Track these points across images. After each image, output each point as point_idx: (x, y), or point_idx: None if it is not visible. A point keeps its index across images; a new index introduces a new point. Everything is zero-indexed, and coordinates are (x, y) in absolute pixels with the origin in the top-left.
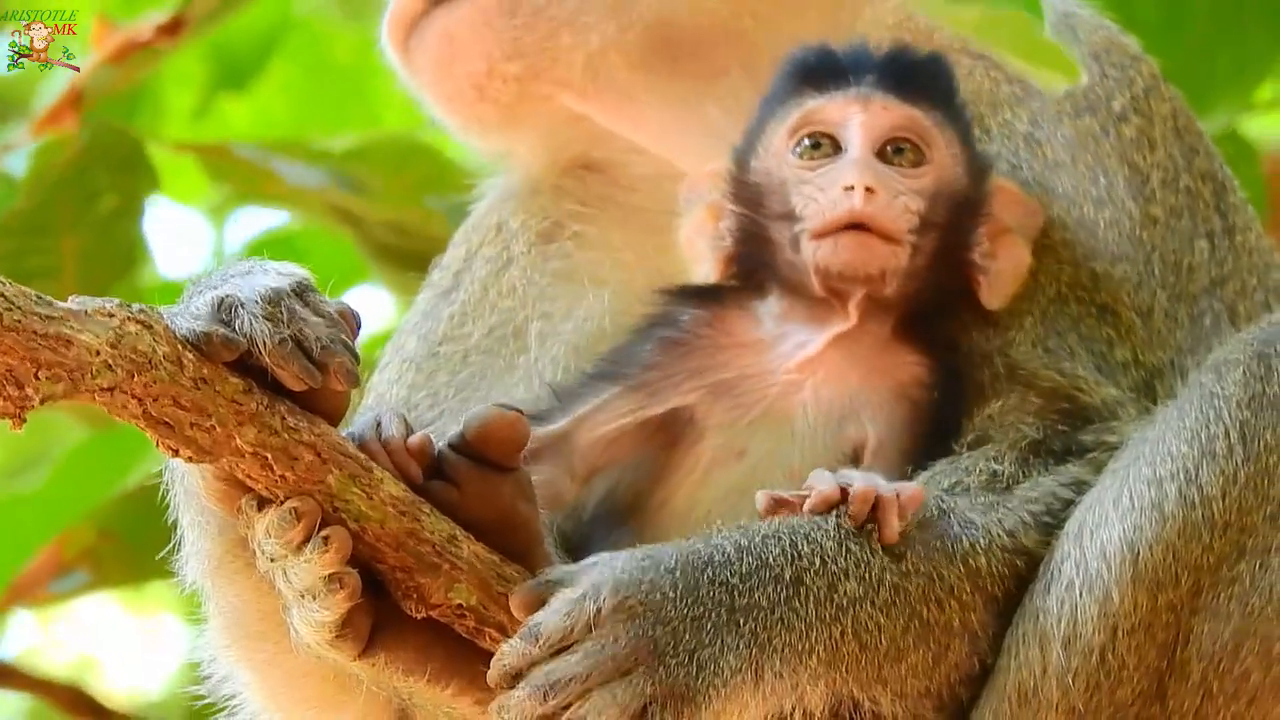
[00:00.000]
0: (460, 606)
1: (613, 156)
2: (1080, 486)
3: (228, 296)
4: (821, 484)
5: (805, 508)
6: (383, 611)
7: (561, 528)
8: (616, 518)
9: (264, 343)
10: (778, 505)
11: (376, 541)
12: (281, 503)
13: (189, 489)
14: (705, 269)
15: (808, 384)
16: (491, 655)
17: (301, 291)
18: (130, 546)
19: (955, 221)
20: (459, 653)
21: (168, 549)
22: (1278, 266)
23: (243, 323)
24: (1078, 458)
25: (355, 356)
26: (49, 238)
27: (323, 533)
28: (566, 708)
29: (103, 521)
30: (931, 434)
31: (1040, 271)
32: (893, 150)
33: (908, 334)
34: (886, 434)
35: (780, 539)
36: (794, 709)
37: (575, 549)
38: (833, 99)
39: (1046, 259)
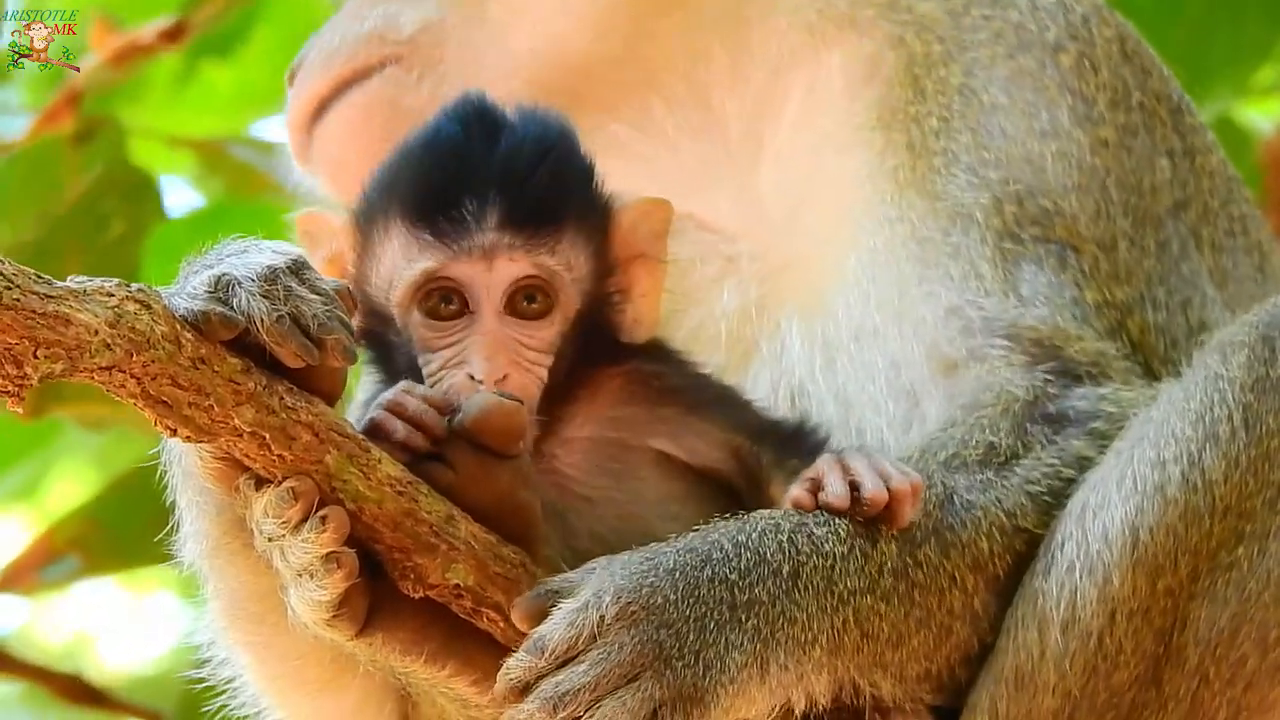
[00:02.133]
0: (457, 587)
1: None
2: (1083, 463)
3: (225, 275)
4: (831, 491)
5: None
6: (380, 592)
7: None
8: None
9: (261, 320)
10: (801, 503)
11: (374, 522)
12: (279, 482)
13: (187, 469)
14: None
15: (556, 470)
16: (489, 635)
17: (298, 269)
18: (120, 534)
19: (587, 322)
20: (456, 633)
21: (160, 535)
22: (1240, 196)
23: (240, 301)
24: (1076, 426)
25: (352, 333)
26: (54, 264)
27: (320, 512)
28: (577, 718)
29: (93, 510)
30: (698, 394)
31: (974, 208)
32: (523, 299)
33: (574, 380)
34: (668, 433)
35: (779, 532)
36: (798, 699)
37: None
38: (456, 258)
39: (979, 195)
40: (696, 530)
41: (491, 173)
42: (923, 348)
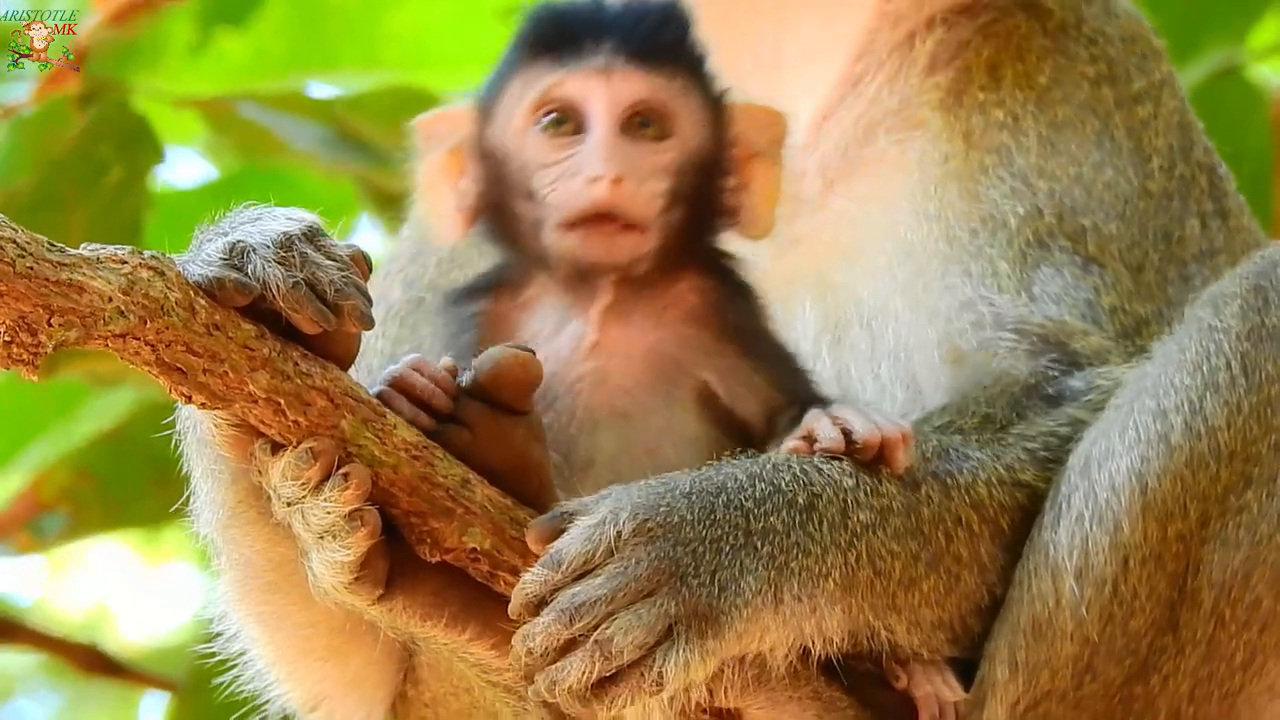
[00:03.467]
0: (474, 550)
1: None
2: (1077, 425)
3: (239, 242)
4: (824, 435)
5: (815, 452)
6: (398, 557)
7: None
8: None
9: (277, 287)
10: (798, 451)
11: (390, 486)
12: (297, 445)
13: (201, 437)
14: (447, 224)
15: (608, 368)
16: (506, 599)
17: (313, 235)
18: (111, 487)
19: (705, 179)
20: (474, 597)
21: (153, 490)
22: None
23: (255, 268)
24: (1071, 400)
25: (368, 298)
26: (57, 212)
27: (342, 470)
28: (593, 630)
29: (80, 462)
30: (757, 343)
31: (1010, 215)
32: (638, 123)
33: (670, 268)
34: (719, 369)
35: (791, 467)
36: (813, 636)
37: None
38: (573, 72)
39: (1019, 204)
40: (708, 464)
41: (609, 9)
42: (934, 337)
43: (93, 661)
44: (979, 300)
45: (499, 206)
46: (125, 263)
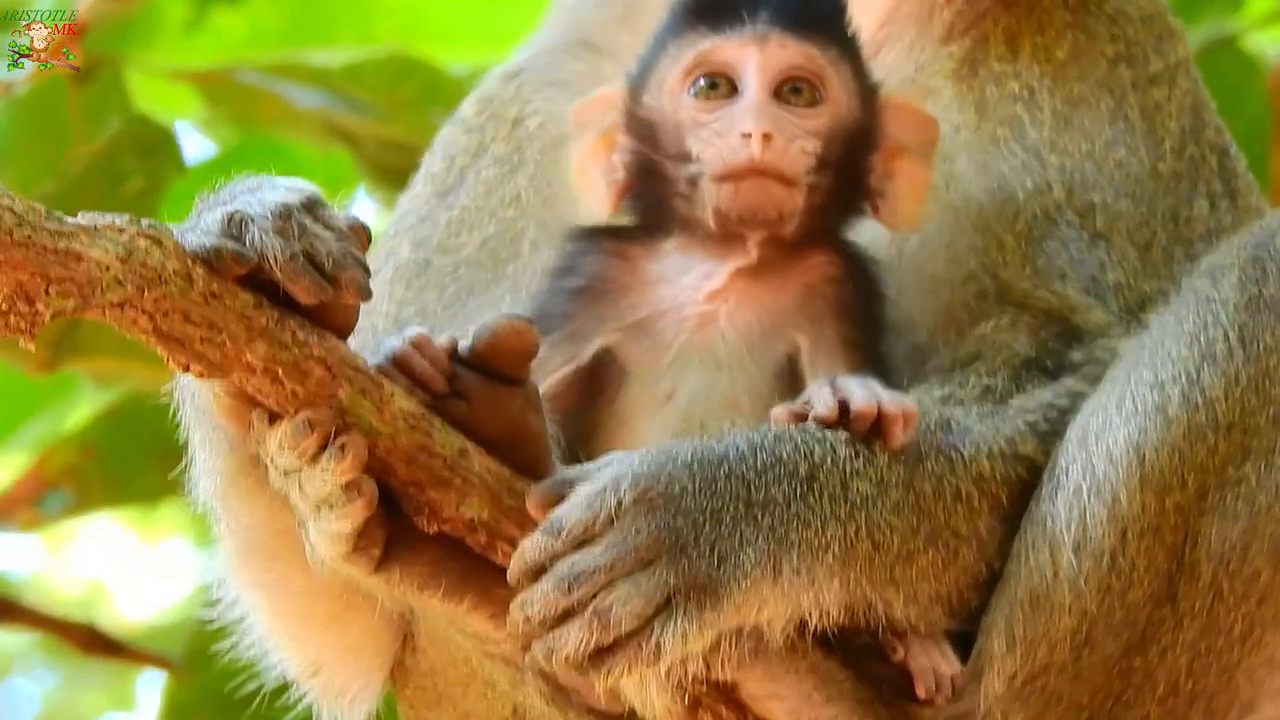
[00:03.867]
0: (472, 521)
1: None
2: (1075, 398)
3: (238, 212)
4: (820, 403)
5: (810, 421)
6: (396, 527)
7: None
8: None
9: (275, 257)
10: (790, 418)
11: (387, 456)
12: (294, 415)
13: (199, 406)
14: (597, 200)
15: (720, 312)
16: (504, 570)
17: (311, 206)
18: (114, 464)
19: (851, 155)
20: (472, 568)
21: (156, 466)
22: None
23: (253, 238)
24: (1070, 371)
25: (366, 270)
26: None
27: (339, 441)
28: (591, 599)
29: (84, 439)
30: (857, 328)
31: (1018, 189)
32: (789, 90)
33: (809, 239)
34: (814, 337)
35: (792, 438)
36: (811, 609)
37: None
38: (728, 38)
39: (1028, 177)
40: (710, 435)
41: None
42: (936, 308)
43: (89, 640)
44: (983, 272)
45: (651, 173)
46: (123, 231)
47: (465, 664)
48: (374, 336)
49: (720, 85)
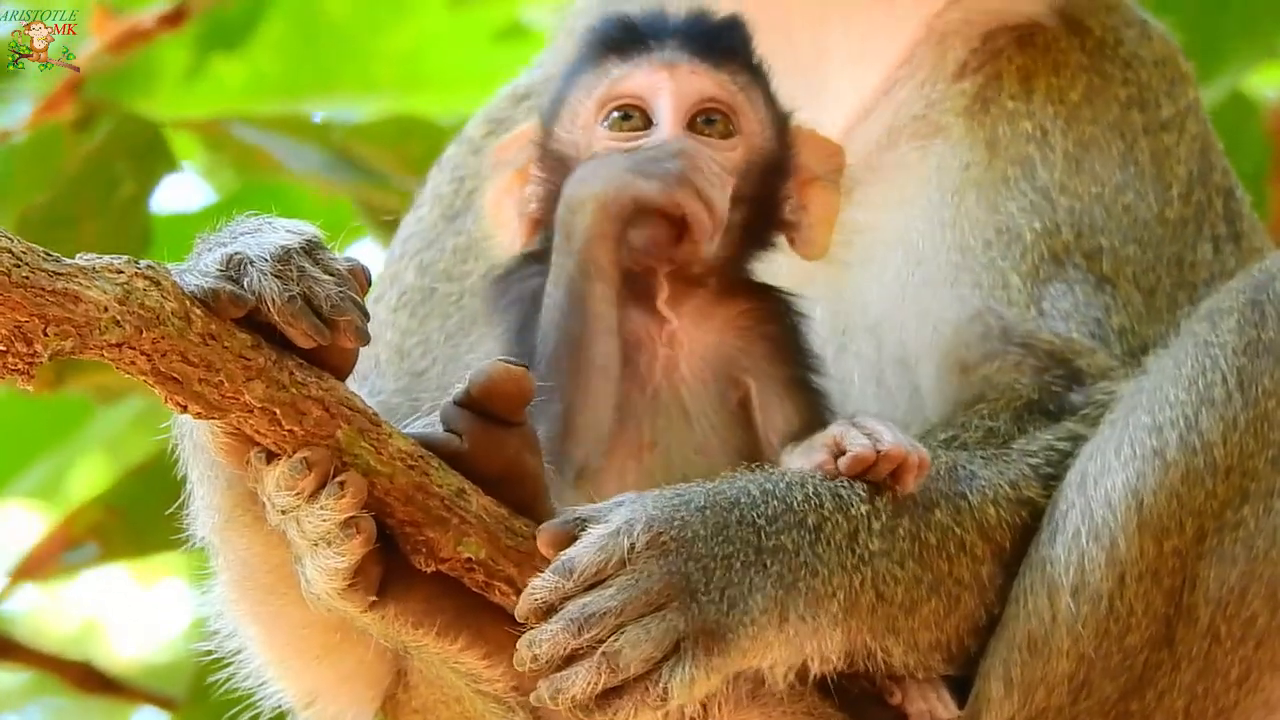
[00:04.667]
0: (469, 560)
1: None
2: (1076, 440)
3: (237, 254)
4: (854, 444)
5: (843, 469)
6: (391, 565)
7: None
8: None
9: (273, 300)
10: (826, 465)
11: (385, 496)
12: (290, 455)
13: (198, 443)
14: (510, 234)
15: (679, 358)
16: (500, 609)
17: (311, 249)
18: (138, 521)
19: (766, 186)
20: (467, 607)
21: (175, 519)
22: None
23: (252, 280)
24: (1070, 413)
25: (365, 314)
26: (69, 228)
27: (338, 478)
28: (600, 643)
29: (111, 498)
30: (798, 367)
31: (1026, 230)
32: (703, 121)
33: (732, 277)
34: (760, 379)
35: (805, 485)
36: (813, 655)
37: None
38: (639, 66)
39: (1036, 218)
40: (722, 476)
41: (672, 14)
42: (940, 347)
43: (85, 678)
44: (988, 312)
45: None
46: (121, 272)
47: (457, 702)
48: (375, 366)
49: (634, 117)
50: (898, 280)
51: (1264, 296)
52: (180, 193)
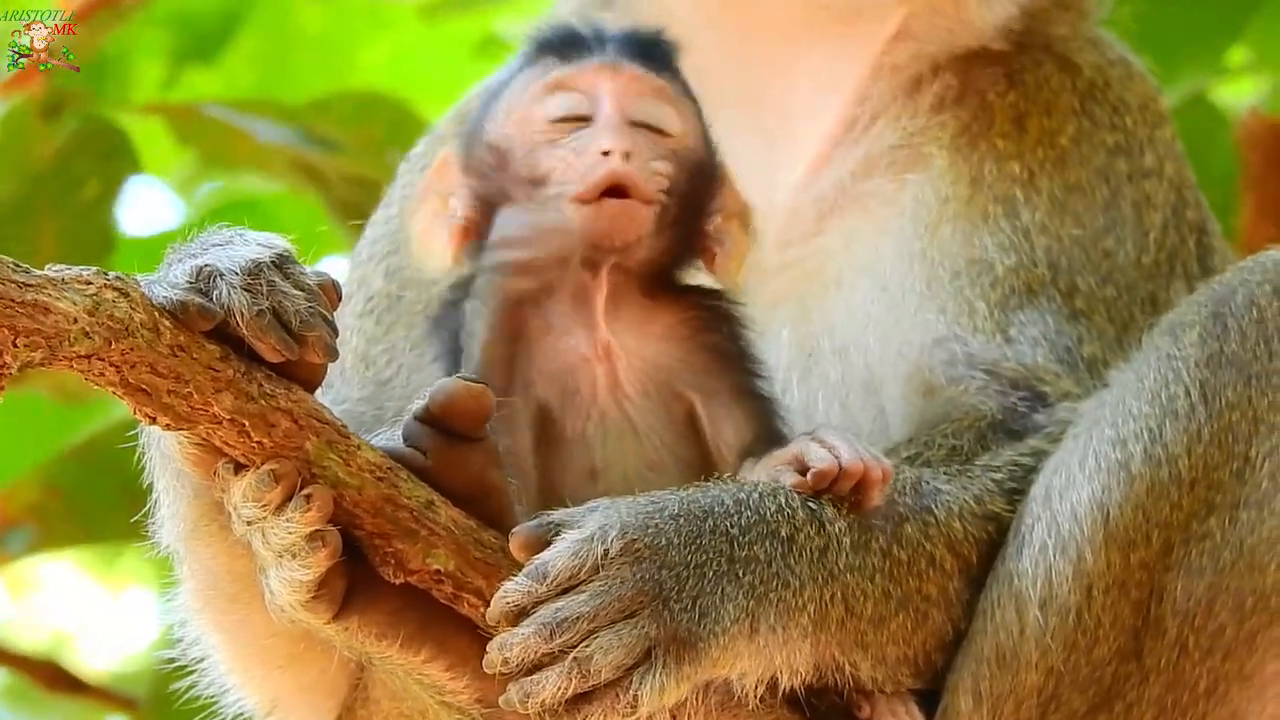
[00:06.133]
0: (438, 572)
1: None
2: (1039, 456)
3: (207, 266)
4: (815, 460)
5: (805, 487)
6: (356, 576)
7: None
8: None
9: (241, 313)
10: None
11: (354, 507)
12: (258, 466)
13: (165, 452)
14: (440, 252)
15: (619, 372)
16: (465, 620)
17: (282, 263)
18: (79, 504)
19: (695, 190)
20: (431, 618)
21: (121, 507)
22: None
23: (221, 293)
24: (1034, 432)
25: (334, 329)
26: (29, 224)
27: (304, 491)
28: (571, 648)
29: (49, 477)
30: (744, 374)
31: (999, 263)
32: (642, 118)
33: (661, 290)
34: (707, 390)
35: (778, 496)
36: (782, 667)
37: None
38: (582, 67)
39: (1011, 254)
40: (695, 486)
41: (611, 29)
42: (904, 371)
43: (55, 679)
44: (952, 338)
45: (493, 203)
46: (90, 283)
47: (421, 716)
48: (341, 374)
49: (575, 109)
50: (864, 305)
51: (1225, 309)
52: (147, 204)
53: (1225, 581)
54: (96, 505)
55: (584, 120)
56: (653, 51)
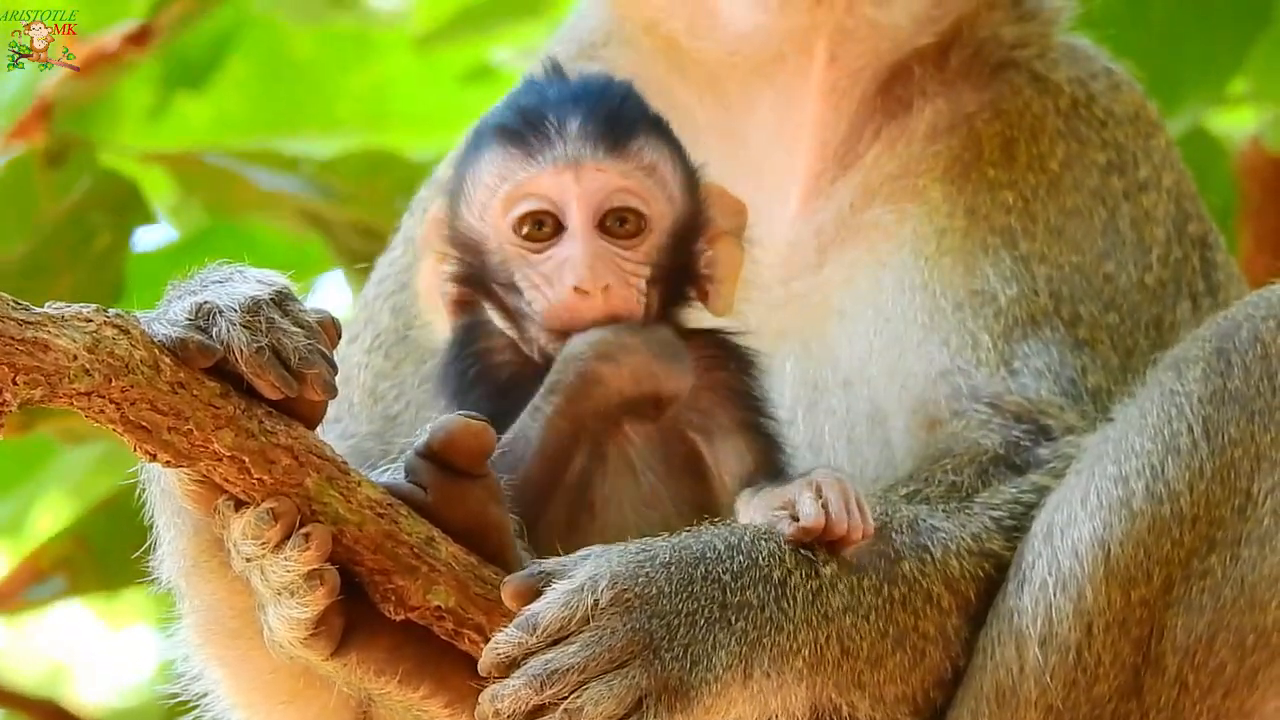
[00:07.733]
0: (439, 608)
1: None
2: (1041, 491)
3: (206, 303)
4: (804, 512)
5: (791, 536)
6: (355, 612)
7: None
8: None
9: (241, 351)
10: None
11: (354, 544)
12: (258, 504)
13: (165, 489)
14: (440, 318)
15: (630, 436)
16: (463, 656)
17: (281, 301)
18: (105, 555)
19: (681, 252)
20: (430, 654)
21: (140, 554)
22: None
23: (220, 330)
24: (1036, 467)
25: (333, 367)
26: (45, 279)
27: (303, 530)
28: (562, 699)
29: (79, 531)
30: (748, 410)
31: (1001, 294)
32: (614, 222)
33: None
34: (710, 429)
35: (768, 540)
36: (778, 711)
37: None
38: (544, 169)
39: (1013, 284)
40: (687, 530)
41: (571, 95)
42: (908, 404)
43: (53, 717)
44: (956, 371)
45: (481, 288)
46: (90, 320)
47: None
48: (349, 409)
49: (545, 223)
50: (867, 337)
51: (1230, 345)
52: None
53: (1226, 619)
54: (120, 555)
55: (554, 228)
56: (619, 120)
